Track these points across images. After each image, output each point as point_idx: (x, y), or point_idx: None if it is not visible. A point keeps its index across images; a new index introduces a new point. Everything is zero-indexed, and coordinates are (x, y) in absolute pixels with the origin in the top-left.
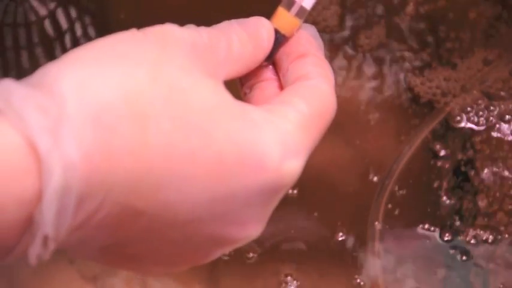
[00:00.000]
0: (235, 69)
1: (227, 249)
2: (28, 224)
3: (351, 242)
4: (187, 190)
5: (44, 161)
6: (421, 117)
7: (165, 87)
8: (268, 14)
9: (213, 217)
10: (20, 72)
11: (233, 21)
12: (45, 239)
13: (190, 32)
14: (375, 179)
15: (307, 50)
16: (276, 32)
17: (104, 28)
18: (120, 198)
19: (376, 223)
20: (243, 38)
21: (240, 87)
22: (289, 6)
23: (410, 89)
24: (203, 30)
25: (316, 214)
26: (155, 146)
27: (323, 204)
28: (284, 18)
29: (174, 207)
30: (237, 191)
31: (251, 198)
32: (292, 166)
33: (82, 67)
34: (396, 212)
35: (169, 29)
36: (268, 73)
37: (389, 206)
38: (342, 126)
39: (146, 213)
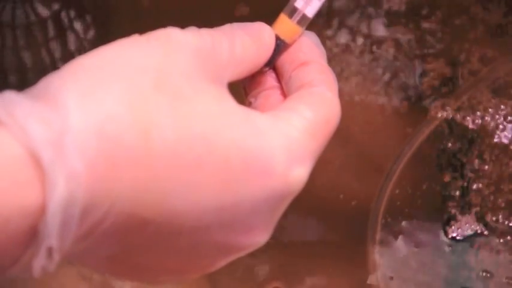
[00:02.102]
0: (238, 71)
1: (234, 257)
2: (32, 235)
3: (351, 241)
4: (193, 198)
5: (47, 173)
6: (422, 116)
7: (169, 96)
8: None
9: (220, 224)
10: (21, 73)
11: (235, 24)
12: (50, 251)
13: (193, 36)
14: (376, 178)
15: (310, 57)
16: (277, 38)
17: (104, 28)
18: (126, 207)
19: (377, 223)
20: (246, 40)
21: (244, 97)
22: (291, 14)
23: (411, 88)
24: (205, 33)
25: (317, 215)
26: (160, 155)
27: (323, 205)
28: (286, 25)
29: (180, 216)
30: (244, 198)
31: (258, 205)
32: (299, 173)
33: (85, 77)
34: (397, 212)
35: (172, 34)
36: (272, 81)
37: (390, 205)
38: (341, 126)
39: (152, 222)
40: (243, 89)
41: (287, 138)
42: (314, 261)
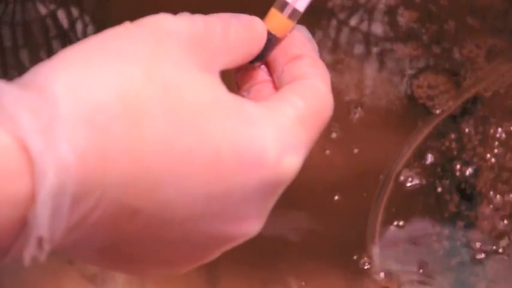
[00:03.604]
0: (230, 59)
1: (226, 247)
2: (22, 225)
3: (351, 241)
4: (184, 188)
5: (36, 163)
6: (422, 117)
7: (160, 85)
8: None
9: (211, 214)
10: (21, 72)
11: (228, 13)
12: (40, 241)
13: (186, 22)
14: (375, 179)
15: (302, 51)
16: (268, 33)
17: (104, 26)
18: (116, 197)
19: (377, 223)
20: (239, 28)
21: (237, 90)
22: (282, 8)
23: (410, 88)
24: (198, 19)
25: (316, 215)
26: (150, 144)
27: (323, 205)
28: (277, 19)
29: (171, 205)
30: (235, 188)
31: (249, 194)
32: (291, 162)
33: (75, 66)
34: (397, 212)
35: (164, 20)
36: (264, 75)
37: (389, 206)
38: (341, 126)
39: (143, 212)
40: (235, 84)
41: (278, 127)
42: (313, 262)
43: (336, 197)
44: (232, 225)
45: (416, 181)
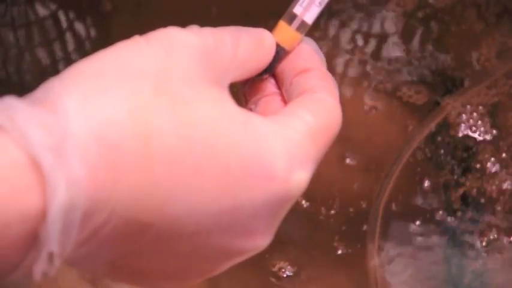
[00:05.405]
0: (239, 73)
1: (235, 261)
2: (33, 241)
3: (350, 242)
4: (193, 202)
5: (47, 178)
6: (422, 116)
7: (169, 100)
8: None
9: (221, 228)
10: (21, 73)
11: (237, 27)
12: (51, 256)
13: (195, 36)
14: (375, 178)
15: (311, 64)
16: (277, 45)
17: (104, 27)
18: (126, 212)
19: (377, 223)
20: (248, 42)
21: (245, 103)
22: (290, 20)
23: (412, 87)
24: (208, 32)
25: (316, 213)
26: (160, 160)
27: (324, 204)
28: (285, 32)
29: (180, 220)
30: (244, 203)
31: (258, 209)
32: (300, 177)
33: (85, 83)
34: (397, 213)
35: (174, 34)
36: (272, 88)
37: (390, 205)
38: (341, 126)
39: (153, 227)
40: (243, 96)
41: (288, 142)
42: (313, 263)
43: (336, 198)
44: (241, 239)
45: (417, 181)
